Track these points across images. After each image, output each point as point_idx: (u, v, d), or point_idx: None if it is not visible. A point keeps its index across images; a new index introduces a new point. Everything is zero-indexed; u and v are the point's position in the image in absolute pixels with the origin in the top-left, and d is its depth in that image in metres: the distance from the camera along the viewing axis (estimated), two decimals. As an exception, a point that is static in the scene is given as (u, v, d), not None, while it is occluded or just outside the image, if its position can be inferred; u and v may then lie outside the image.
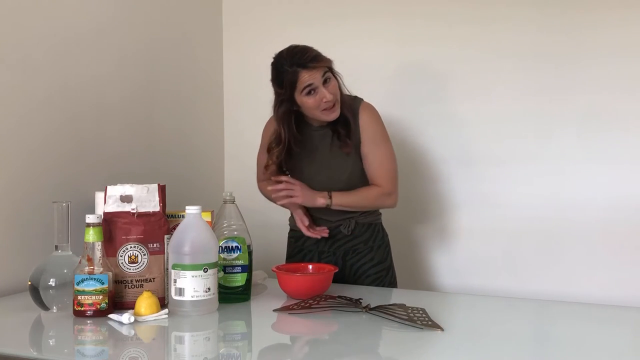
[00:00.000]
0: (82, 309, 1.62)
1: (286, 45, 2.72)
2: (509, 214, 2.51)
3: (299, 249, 2.18)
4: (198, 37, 2.78)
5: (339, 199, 2.03)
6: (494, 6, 2.48)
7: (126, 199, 1.74)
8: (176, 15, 2.62)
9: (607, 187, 2.37)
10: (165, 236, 1.75)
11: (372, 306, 1.68)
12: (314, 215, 2.14)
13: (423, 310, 1.64)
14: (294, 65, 1.95)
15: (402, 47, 2.56)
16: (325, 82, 1.96)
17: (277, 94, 2.01)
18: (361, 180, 2.09)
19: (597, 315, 1.78)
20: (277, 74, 1.99)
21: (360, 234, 2.13)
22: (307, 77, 1.94)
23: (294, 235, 2.20)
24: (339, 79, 2.02)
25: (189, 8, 2.71)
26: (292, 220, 2.19)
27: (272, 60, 2.01)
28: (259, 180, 2.24)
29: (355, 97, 2.11)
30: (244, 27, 2.87)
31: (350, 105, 2.06)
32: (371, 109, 2.10)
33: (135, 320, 1.60)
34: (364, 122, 2.06)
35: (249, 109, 2.87)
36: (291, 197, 2.02)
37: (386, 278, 2.14)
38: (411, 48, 2.57)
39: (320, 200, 2.02)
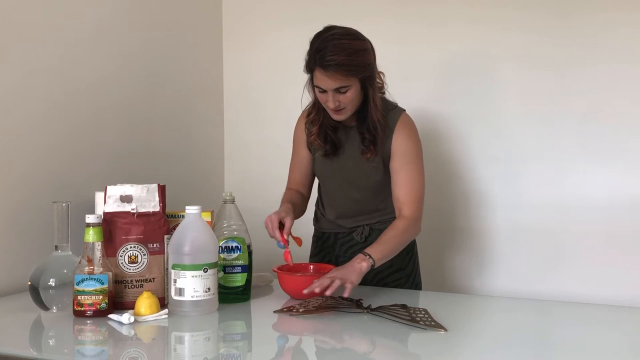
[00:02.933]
0: (82, 309, 1.61)
1: (287, 45, 2.76)
2: (508, 214, 2.50)
3: (319, 249, 2.16)
4: (198, 37, 2.77)
5: (379, 254, 1.83)
6: (495, 8, 2.48)
7: (126, 199, 1.74)
8: (176, 15, 2.62)
9: (608, 187, 2.37)
10: (165, 236, 1.75)
11: (373, 307, 1.68)
12: (330, 218, 2.11)
13: (425, 310, 1.64)
14: (314, 57, 1.83)
15: (402, 47, 2.56)
16: (339, 90, 1.84)
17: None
18: (383, 190, 2.02)
19: (597, 315, 1.78)
20: (307, 50, 1.86)
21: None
22: (319, 77, 1.84)
23: (316, 234, 2.18)
24: (372, 89, 1.89)
25: (189, 8, 2.70)
26: (314, 220, 2.18)
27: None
28: (287, 188, 2.12)
29: (397, 106, 2.01)
30: (244, 27, 2.87)
31: (386, 113, 1.95)
32: (409, 124, 1.98)
33: (135, 320, 1.60)
34: (399, 137, 1.95)
35: (249, 109, 2.87)
36: (337, 284, 1.72)
37: (406, 285, 2.07)
38: (410, 48, 2.57)
39: (365, 265, 1.78)
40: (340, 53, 1.80)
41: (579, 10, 2.38)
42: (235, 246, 1.82)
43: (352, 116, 1.95)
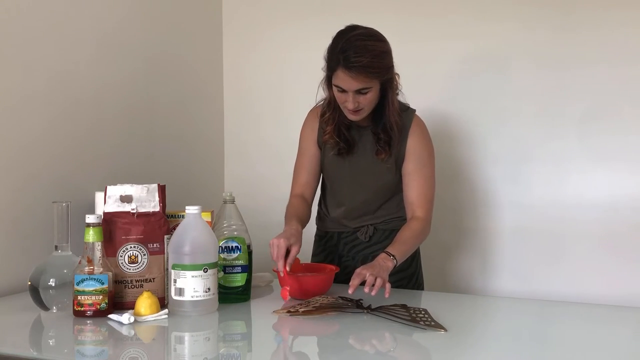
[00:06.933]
0: (82, 309, 1.61)
1: (287, 46, 2.76)
2: (510, 214, 2.51)
3: (322, 248, 2.16)
4: (198, 36, 2.78)
5: (401, 253, 1.84)
6: (494, 6, 2.48)
7: (126, 199, 1.74)
8: (176, 17, 2.62)
9: (609, 187, 2.37)
10: (165, 236, 1.75)
11: (373, 307, 1.68)
12: (335, 218, 2.10)
13: (425, 310, 1.64)
14: (338, 57, 1.80)
15: (402, 45, 2.54)
16: (360, 91, 1.83)
17: (326, 62, 1.88)
18: (391, 190, 2.02)
19: (597, 315, 1.78)
20: (329, 48, 1.85)
21: (380, 240, 2.05)
22: (341, 78, 1.81)
23: (318, 234, 2.18)
24: (391, 91, 1.89)
25: (189, 9, 2.71)
26: (317, 219, 2.17)
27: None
28: (291, 195, 2.06)
29: (409, 107, 2.01)
30: (243, 27, 2.87)
31: (400, 114, 1.94)
32: (422, 127, 1.99)
33: (135, 321, 1.60)
34: (415, 139, 1.96)
35: (249, 109, 2.87)
36: (380, 283, 1.72)
37: (408, 285, 2.07)
38: (411, 45, 2.56)
39: (390, 265, 1.80)
40: (365, 55, 1.79)
41: (582, 9, 2.38)
42: (235, 246, 1.82)
43: (366, 117, 1.94)
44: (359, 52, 1.78)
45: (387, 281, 1.74)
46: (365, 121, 1.97)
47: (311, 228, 2.18)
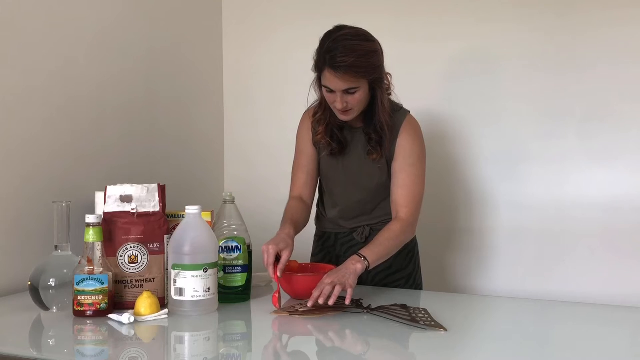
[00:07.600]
0: (82, 309, 1.61)
1: (287, 46, 2.76)
2: (508, 214, 2.51)
3: (320, 248, 2.16)
4: (198, 37, 2.78)
5: (374, 255, 1.81)
6: (492, 7, 2.48)
7: (126, 199, 1.74)
8: (176, 17, 2.62)
9: (608, 187, 2.37)
10: (165, 236, 1.75)
11: (373, 307, 1.68)
12: (331, 219, 2.10)
13: (425, 310, 1.64)
14: (324, 57, 1.80)
15: (401, 46, 2.56)
16: (347, 91, 1.82)
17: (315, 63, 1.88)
18: (385, 191, 2.00)
19: (597, 315, 1.78)
20: (317, 49, 1.84)
21: None
22: (328, 78, 1.81)
23: (317, 234, 2.18)
24: (380, 91, 1.88)
25: (189, 9, 2.71)
26: (316, 220, 2.16)
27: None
28: (290, 197, 2.06)
29: (402, 108, 2.00)
30: (243, 27, 2.87)
31: (392, 115, 1.93)
32: (414, 126, 1.97)
33: (135, 320, 1.60)
34: (404, 138, 1.94)
35: (248, 110, 2.87)
36: (338, 291, 1.69)
37: (406, 285, 2.07)
38: (410, 46, 2.57)
39: (359, 267, 1.76)
40: (351, 54, 1.78)
41: (580, 8, 2.38)
42: (235, 246, 1.82)
43: (358, 117, 1.94)
44: (345, 52, 1.78)
45: (351, 286, 1.71)
46: (357, 122, 1.97)
47: (311, 228, 2.19)
